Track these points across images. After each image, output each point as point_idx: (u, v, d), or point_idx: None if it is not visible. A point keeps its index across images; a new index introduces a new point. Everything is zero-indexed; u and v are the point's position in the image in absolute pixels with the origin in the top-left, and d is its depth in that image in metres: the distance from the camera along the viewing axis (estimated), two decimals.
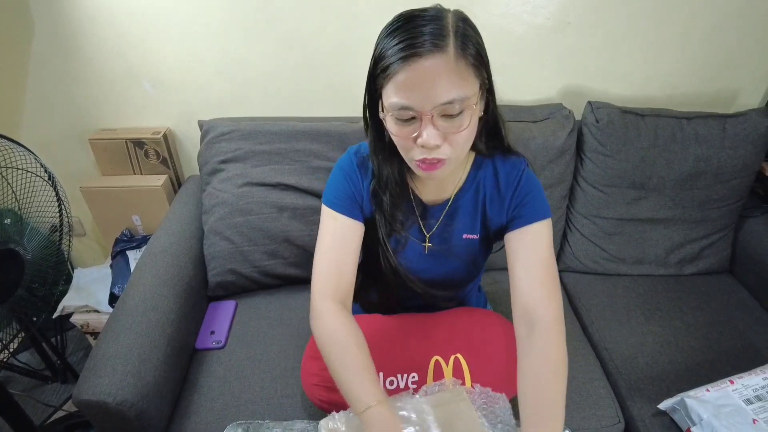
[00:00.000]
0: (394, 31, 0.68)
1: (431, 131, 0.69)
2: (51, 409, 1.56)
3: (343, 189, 0.88)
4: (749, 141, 1.40)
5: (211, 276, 1.36)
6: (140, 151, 1.59)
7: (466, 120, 0.70)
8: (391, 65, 0.67)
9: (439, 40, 0.65)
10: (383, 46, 0.69)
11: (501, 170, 0.88)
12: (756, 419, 0.98)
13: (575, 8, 1.43)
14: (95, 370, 0.98)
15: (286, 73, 1.52)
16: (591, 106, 1.45)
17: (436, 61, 0.65)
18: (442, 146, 0.71)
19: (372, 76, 0.73)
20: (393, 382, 0.90)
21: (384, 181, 0.85)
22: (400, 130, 0.72)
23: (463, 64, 0.67)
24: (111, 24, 1.43)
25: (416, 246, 0.92)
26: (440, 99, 0.67)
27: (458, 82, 0.67)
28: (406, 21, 0.68)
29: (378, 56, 0.70)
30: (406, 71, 0.66)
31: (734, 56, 1.52)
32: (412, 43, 0.65)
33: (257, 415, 1.07)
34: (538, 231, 0.84)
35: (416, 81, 0.66)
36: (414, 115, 0.69)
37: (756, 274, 1.46)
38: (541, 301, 0.80)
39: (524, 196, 0.85)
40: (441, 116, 0.69)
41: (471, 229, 0.91)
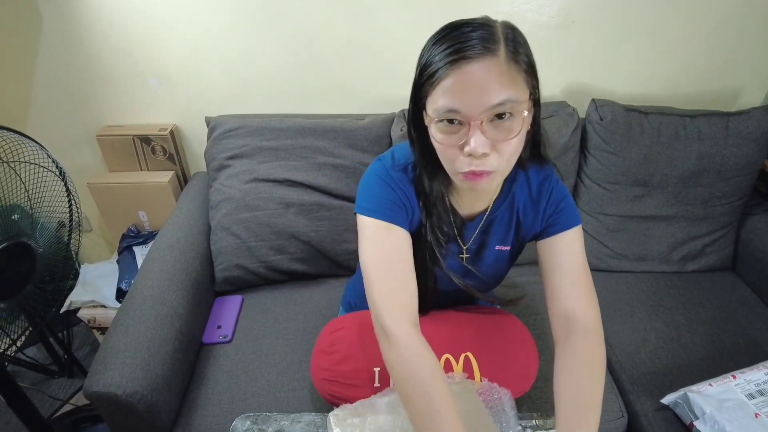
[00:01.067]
0: (442, 38, 0.67)
1: (479, 138, 0.66)
2: (58, 403, 1.57)
3: (390, 197, 0.81)
4: (752, 139, 1.41)
5: (218, 271, 1.37)
6: (147, 147, 1.60)
7: (516, 126, 0.67)
8: (438, 70, 0.65)
9: (490, 44, 0.64)
10: (430, 53, 0.68)
11: (534, 179, 0.87)
12: (758, 413, 0.99)
13: (579, 7, 1.44)
14: (105, 363, 0.99)
15: (293, 70, 1.53)
16: (595, 104, 1.46)
17: (486, 64, 0.63)
18: (490, 155, 0.67)
19: (417, 85, 0.71)
20: None
21: (434, 196, 0.82)
22: (446, 138, 0.69)
23: (514, 69, 0.65)
24: (118, 21, 1.44)
25: (453, 257, 0.92)
26: (490, 101, 0.64)
27: (509, 84, 0.65)
28: (453, 29, 0.67)
29: (424, 64, 0.68)
30: (454, 75, 0.64)
31: (737, 55, 1.53)
32: (461, 47, 0.64)
33: (264, 408, 1.08)
34: (572, 238, 0.84)
35: (465, 84, 0.64)
36: (461, 120, 0.66)
37: (758, 271, 1.47)
38: (580, 306, 0.81)
39: (557, 204, 0.85)
40: (490, 122, 0.66)
41: (504, 240, 0.91)
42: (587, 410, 0.72)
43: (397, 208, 0.81)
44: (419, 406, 0.70)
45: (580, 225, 0.86)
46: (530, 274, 1.46)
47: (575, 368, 0.76)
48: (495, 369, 0.92)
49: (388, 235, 0.79)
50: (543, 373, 1.17)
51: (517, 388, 0.94)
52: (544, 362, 1.20)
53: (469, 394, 0.83)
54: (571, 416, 0.72)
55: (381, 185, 0.82)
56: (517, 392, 0.95)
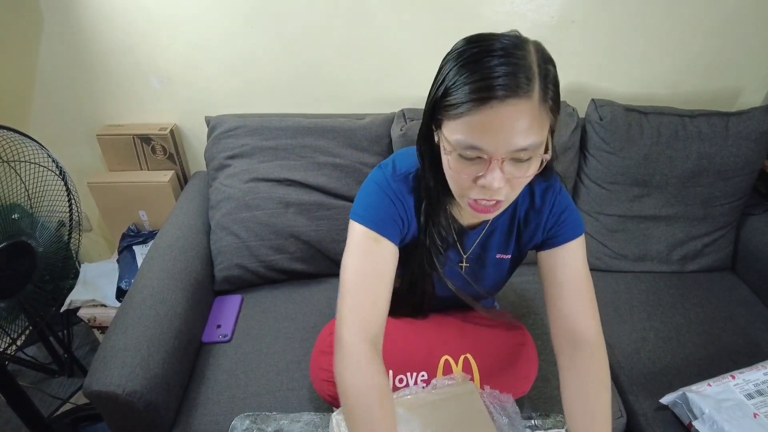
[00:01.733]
0: (470, 65, 0.61)
1: (497, 175, 0.64)
2: (58, 402, 1.57)
3: (386, 210, 0.80)
4: (752, 139, 1.41)
5: (218, 270, 1.37)
6: (147, 146, 1.60)
7: (534, 165, 0.66)
8: (463, 104, 0.61)
9: (524, 83, 0.59)
10: (455, 79, 0.62)
11: (537, 189, 0.85)
12: (757, 413, 0.99)
13: (579, 7, 1.43)
14: (105, 362, 0.99)
15: (293, 70, 1.53)
16: (595, 104, 1.46)
17: (518, 108, 0.60)
18: (503, 188, 0.66)
19: (436, 105, 0.67)
20: (402, 380, 0.91)
21: (437, 206, 0.81)
22: (462, 169, 0.66)
23: (543, 110, 0.62)
24: (119, 20, 1.44)
25: (453, 265, 0.92)
26: (516, 145, 0.61)
27: (537, 128, 0.62)
28: (483, 53, 0.61)
29: (447, 88, 0.64)
30: (481, 113, 0.60)
31: (737, 55, 1.53)
32: (491, 85, 0.59)
33: (263, 407, 1.08)
34: (575, 249, 0.83)
35: (493, 125, 0.61)
36: (481, 156, 0.63)
37: (757, 271, 1.47)
38: (583, 319, 0.80)
39: (560, 215, 0.84)
40: (510, 160, 0.64)
41: (505, 249, 0.91)
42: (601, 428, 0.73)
43: (391, 221, 0.79)
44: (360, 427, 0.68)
45: (583, 234, 0.85)
46: (528, 274, 1.45)
47: (585, 387, 0.76)
48: (494, 370, 0.93)
49: (375, 247, 0.78)
50: (543, 373, 1.17)
51: (516, 390, 0.94)
52: (544, 362, 1.20)
53: (471, 394, 0.83)
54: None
55: (379, 195, 0.80)
56: (517, 393, 0.95)
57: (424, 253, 0.84)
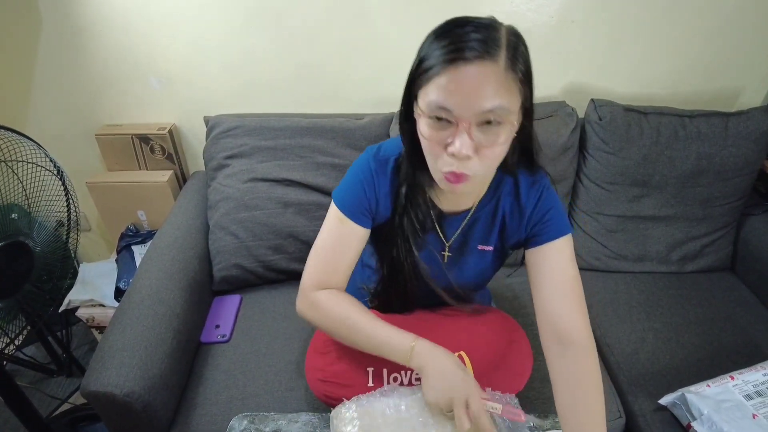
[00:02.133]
0: (444, 34, 0.66)
1: (465, 140, 0.66)
2: (56, 402, 1.57)
3: (356, 194, 0.86)
4: (751, 139, 1.41)
5: (216, 270, 1.37)
6: (146, 146, 1.60)
7: (503, 134, 0.67)
8: (434, 66, 0.65)
9: (491, 48, 0.63)
10: (429, 47, 0.67)
11: (522, 184, 0.86)
12: (756, 414, 0.99)
13: (579, 7, 1.43)
14: (103, 362, 0.99)
15: (292, 70, 1.53)
16: (594, 104, 1.46)
17: (484, 69, 0.63)
18: (472, 159, 0.68)
19: (413, 76, 0.71)
20: (397, 378, 0.90)
21: (419, 184, 0.84)
22: (432, 134, 0.69)
23: (511, 78, 0.65)
24: (118, 20, 1.44)
25: (434, 254, 0.92)
26: (482, 106, 0.64)
27: (503, 92, 0.65)
28: (456, 26, 0.67)
29: (422, 58, 0.68)
30: (450, 74, 0.64)
31: (737, 55, 1.53)
32: (461, 47, 0.63)
33: (262, 407, 1.08)
34: (561, 247, 0.83)
35: (459, 85, 0.64)
36: (450, 119, 0.66)
37: (757, 271, 1.47)
38: (571, 319, 0.80)
39: (545, 213, 0.84)
40: (478, 127, 0.66)
41: (487, 240, 0.91)
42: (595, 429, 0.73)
43: (358, 204, 0.86)
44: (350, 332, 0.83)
45: (570, 234, 0.85)
46: (525, 274, 1.45)
47: (577, 389, 0.77)
48: (488, 368, 0.92)
49: (339, 226, 0.86)
50: (540, 373, 1.17)
51: (511, 387, 0.93)
52: (541, 362, 1.19)
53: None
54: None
55: (355, 177, 0.87)
56: (512, 390, 0.95)
57: (401, 235, 0.87)
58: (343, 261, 0.87)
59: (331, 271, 0.87)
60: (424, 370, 0.77)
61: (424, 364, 0.77)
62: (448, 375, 0.75)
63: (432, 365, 0.77)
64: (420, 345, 0.78)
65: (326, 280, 0.87)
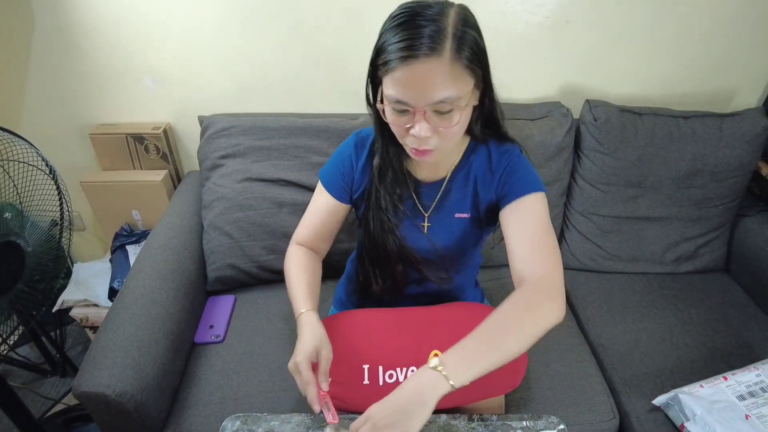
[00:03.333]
0: (397, 26, 0.72)
1: (423, 125, 0.75)
2: (50, 403, 1.57)
3: (336, 170, 0.98)
4: (745, 140, 1.41)
5: (210, 271, 1.36)
6: (140, 146, 1.59)
7: (455, 117, 0.75)
8: (390, 62, 0.72)
9: (436, 44, 0.69)
10: (386, 39, 0.74)
11: (494, 154, 0.92)
12: (749, 415, 1.00)
13: (574, 7, 1.43)
14: (95, 362, 0.99)
15: (287, 69, 1.53)
16: (589, 105, 1.46)
17: (431, 65, 0.70)
18: (432, 138, 0.77)
19: (374, 64, 0.78)
20: (392, 376, 0.90)
21: (389, 157, 0.92)
22: (395, 120, 0.78)
23: (457, 67, 0.71)
24: (112, 19, 1.43)
25: (415, 224, 0.98)
26: (432, 99, 0.72)
27: (450, 84, 0.72)
28: (408, 18, 0.72)
29: (380, 48, 0.75)
30: (403, 70, 0.71)
31: (731, 56, 1.53)
32: (411, 44, 0.70)
33: (255, 408, 1.08)
34: (530, 203, 0.86)
35: (412, 80, 0.71)
36: (408, 108, 0.74)
37: (751, 272, 1.47)
38: (534, 266, 0.81)
39: (512, 174, 0.89)
40: (433, 112, 0.74)
41: (462, 208, 0.96)
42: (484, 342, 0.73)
43: (338, 179, 0.98)
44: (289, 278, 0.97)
45: (543, 193, 0.87)
46: None
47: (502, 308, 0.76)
48: None
49: (320, 197, 1.00)
50: (536, 375, 1.18)
51: (506, 383, 0.93)
52: (536, 363, 1.20)
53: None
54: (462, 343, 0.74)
55: (337, 156, 1.00)
56: (507, 387, 0.95)
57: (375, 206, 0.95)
58: (318, 226, 1.01)
59: (306, 232, 1.02)
60: (298, 336, 0.87)
61: (298, 331, 0.88)
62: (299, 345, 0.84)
63: (299, 334, 0.86)
64: (305, 315, 0.88)
65: (303, 240, 1.02)
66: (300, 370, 0.81)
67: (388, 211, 0.95)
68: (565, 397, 1.14)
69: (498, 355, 0.72)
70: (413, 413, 0.68)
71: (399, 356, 0.92)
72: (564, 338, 1.29)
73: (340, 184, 0.98)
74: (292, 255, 1.01)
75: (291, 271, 0.97)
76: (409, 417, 0.68)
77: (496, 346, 0.73)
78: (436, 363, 0.71)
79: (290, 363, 0.83)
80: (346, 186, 0.98)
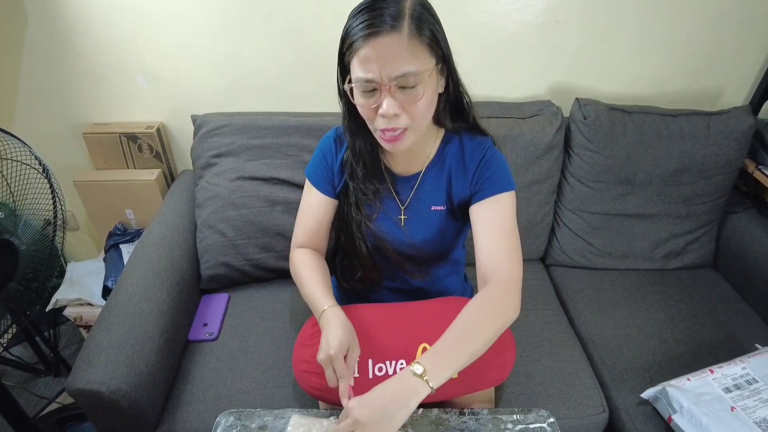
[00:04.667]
0: (359, 12, 0.77)
1: (390, 101, 0.78)
2: (44, 402, 1.57)
3: (318, 164, 1.01)
4: (732, 138, 1.44)
5: (204, 269, 1.37)
6: (134, 145, 1.60)
7: (420, 92, 0.78)
8: (354, 42, 0.76)
9: (396, 21, 0.74)
10: (350, 24, 0.78)
11: (467, 146, 0.95)
12: (734, 407, 1.02)
13: (564, 7, 1.45)
14: (89, 360, 0.99)
15: (280, 68, 1.53)
16: (579, 103, 1.48)
17: (392, 39, 0.74)
18: (401, 116, 0.80)
19: (341, 53, 0.82)
20: (381, 369, 0.91)
21: (357, 151, 0.95)
22: (363, 101, 0.81)
23: (416, 43, 0.76)
24: (104, 18, 1.43)
25: (392, 218, 1.00)
26: (395, 72, 0.76)
27: (411, 58, 0.75)
28: (370, 3, 0.77)
29: (345, 35, 0.80)
30: (367, 47, 0.75)
31: (719, 56, 1.55)
32: (373, 23, 0.74)
33: (249, 404, 1.09)
34: (500, 202, 0.91)
35: (375, 56, 0.75)
36: (375, 87, 0.78)
37: (738, 268, 1.50)
38: (499, 266, 0.87)
39: (487, 171, 0.92)
40: (399, 88, 0.78)
41: (438, 200, 0.98)
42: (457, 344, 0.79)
43: (322, 174, 1.00)
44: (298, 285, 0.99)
45: (513, 192, 0.92)
46: None
47: (471, 308, 0.83)
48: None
49: (310, 195, 1.02)
50: (526, 370, 1.19)
51: (494, 377, 0.95)
52: (528, 359, 1.21)
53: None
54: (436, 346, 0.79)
55: (318, 152, 1.03)
56: (495, 381, 0.96)
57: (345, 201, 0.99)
58: (313, 225, 1.02)
59: (303, 233, 1.03)
60: (322, 331, 0.87)
61: (322, 326, 0.88)
62: (330, 339, 0.84)
63: (325, 329, 0.86)
64: (330, 311, 0.89)
65: (303, 241, 1.03)
66: (335, 362, 0.82)
67: (359, 206, 0.98)
68: (555, 392, 1.15)
69: (468, 355, 0.79)
70: (395, 414, 0.71)
71: (388, 350, 0.93)
72: (555, 334, 1.30)
73: (325, 178, 1.00)
74: (297, 259, 1.01)
75: (301, 274, 0.98)
76: (391, 418, 0.71)
77: (467, 348, 0.79)
78: (421, 371, 0.74)
79: (321, 355, 0.83)
80: (330, 180, 1.01)
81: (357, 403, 0.73)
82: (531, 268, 1.55)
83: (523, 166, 1.43)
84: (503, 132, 1.41)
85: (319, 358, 0.83)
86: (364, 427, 0.70)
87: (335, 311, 0.89)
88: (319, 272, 0.98)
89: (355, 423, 0.71)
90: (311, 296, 0.94)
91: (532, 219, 1.50)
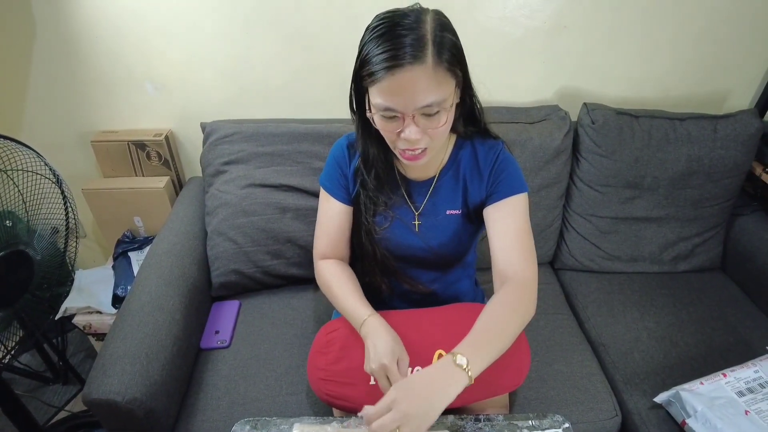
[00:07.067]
0: (378, 38, 0.76)
1: (413, 129, 0.79)
2: (53, 410, 1.57)
3: (333, 172, 1.01)
4: (739, 141, 1.44)
5: (215, 276, 1.37)
6: (142, 152, 1.60)
7: (443, 118, 0.80)
8: (375, 72, 0.75)
9: (419, 51, 0.73)
10: (368, 51, 0.77)
11: (480, 150, 0.97)
12: (748, 410, 1.02)
13: (571, 12, 1.46)
14: (104, 370, 1.00)
15: (289, 75, 1.54)
16: (586, 108, 1.48)
17: (415, 72, 0.74)
18: (422, 139, 0.81)
19: (358, 75, 0.81)
20: None
21: (370, 160, 0.95)
22: (385, 126, 0.82)
23: (440, 71, 0.75)
24: (113, 25, 1.44)
25: (406, 223, 1.00)
26: (419, 103, 0.76)
27: (435, 88, 0.76)
28: (388, 29, 0.75)
29: (363, 59, 0.78)
30: (389, 80, 0.74)
31: (725, 59, 1.56)
32: (394, 55, 0.73)
33: (263, 412, 1.09)
34: (514, 204, 0.92)
35: (398, 88, 0.75)
36: (397, 114, 0.78)
37: (747, 270, 1.50)
38: (517, 266, 0.89)
39: (500, 173, 0.94)
40: (421, 115, 0.78)
41: (453, 204, 0.99)
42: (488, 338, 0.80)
43: (336, 182, 1.00)
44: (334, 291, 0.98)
45: (525, 193, 0.94)
46: None
47: (496, 305, 0.85)
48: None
49: (327, 204, 1.02)
50: (540, 374, 1.19)
51: (510, 382, 0.95)
52: (539, 362, 1.22)
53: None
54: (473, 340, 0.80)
55: (331, 160, 1.02)
56: (511, 386, 0.96)
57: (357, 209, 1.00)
58: (333, 234, 1.01)
59: (325, 243, 1.02)
60: (366, 340, 0.88)
61: (366, 335, 0.88)
62: (379, 347, 0.84)
63: (371, 338, 0.86)
64: (372, 320, 0.90)
65: (326, 252, 1.03)
66: (389, 371, 0.82)
67: (370, 214, 0.98)
68: (568, 396, 1.16)
69: (497, 350, 0.80)
70: (436, 403, 0.72)
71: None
72: (565, 338, 1.31)
73: (341, 186, 1.00)
74: (323, 270, 1.01)
75: (332, 285, 0.99)
76: (432, 407, 0.72)
77: (497, 343, 0.80)
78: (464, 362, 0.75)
79: (373, 365, 0.83)
80: (346, 187, 1.01)
81: (399, 393, 0.72)
82: (540, 273, 1.52)
83: (532, 170, 1.44)
84: (512, 137, 1.41)
85: (371, 368, 0.83)
86: (409, 419, 0.70)
87: (378, 320, 0.90)
88: (351, 283, 0.99)
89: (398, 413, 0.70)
90: (347, 307, 0.95)
91: (541, 223, 1.50)
